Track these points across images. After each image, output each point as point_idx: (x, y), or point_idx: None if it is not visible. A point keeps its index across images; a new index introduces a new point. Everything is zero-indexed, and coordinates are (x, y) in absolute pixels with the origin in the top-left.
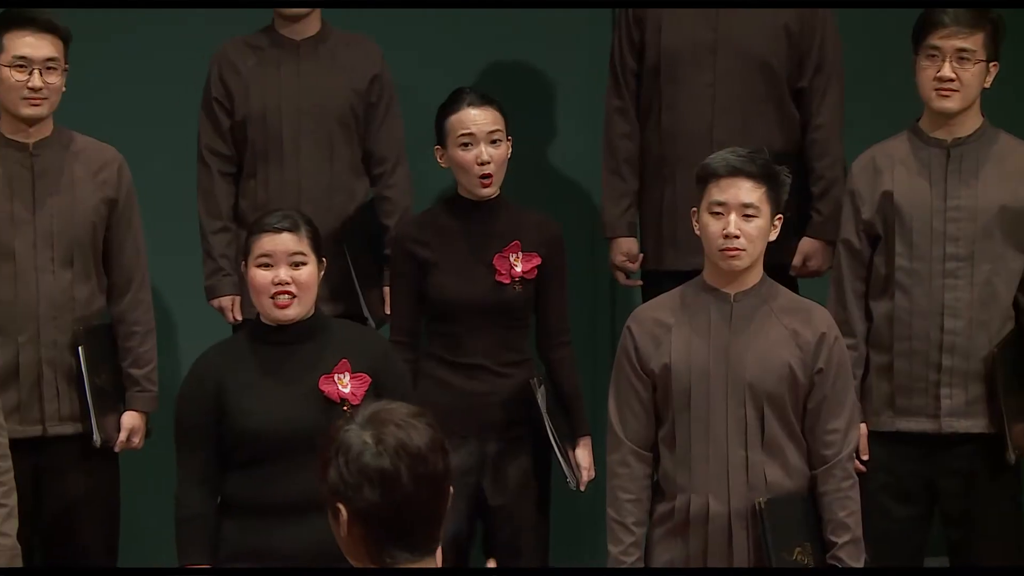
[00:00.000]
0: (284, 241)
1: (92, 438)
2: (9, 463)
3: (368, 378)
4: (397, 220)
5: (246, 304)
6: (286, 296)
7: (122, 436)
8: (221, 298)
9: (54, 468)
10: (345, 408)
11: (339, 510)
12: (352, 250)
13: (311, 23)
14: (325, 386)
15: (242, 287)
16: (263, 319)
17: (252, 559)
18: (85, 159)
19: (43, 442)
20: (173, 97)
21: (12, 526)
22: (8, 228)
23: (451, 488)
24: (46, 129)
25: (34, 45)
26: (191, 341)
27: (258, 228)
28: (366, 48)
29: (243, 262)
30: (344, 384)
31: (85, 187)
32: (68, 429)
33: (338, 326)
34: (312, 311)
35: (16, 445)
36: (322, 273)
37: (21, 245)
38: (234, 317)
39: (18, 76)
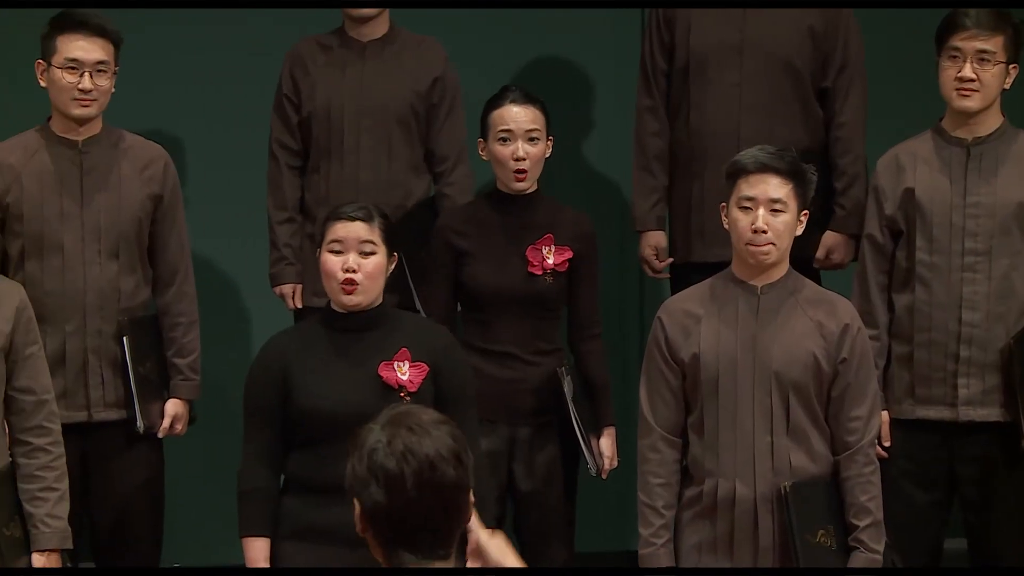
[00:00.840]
0: (356, 229)
1: (135, 424)
2: (62, 450)
3: (426, 367)
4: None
5: (307, 293)
6: (351, 283)
7: (165, 423)
8: (283, 285)
9: (99, 453)
10: (402, 394)
11: (354, 504)
12: (407, 246)
13: (379, 25)
14: (384, 372)
15: (304, 276)
16: (333, 305)
17: (309, 536)
18: (132, 156)
19: (89, 427)
20: (248, 94)
21: (64, 509)
22: (57, 222)
23: (468, 497)
24: (95, 127)
25: (85, 48)
26: (260, 327)
27: (333, 215)
28: (430, 51)
29: (318, 247)
30: (403, 371)
31: (132, 183)
32: (113, 415)
33: (404, 317)
34: (379, 300)
35: (63, 430)
36: (393, 266)
37: (69, 239)
38: (294, 304)
39: (69, 78)
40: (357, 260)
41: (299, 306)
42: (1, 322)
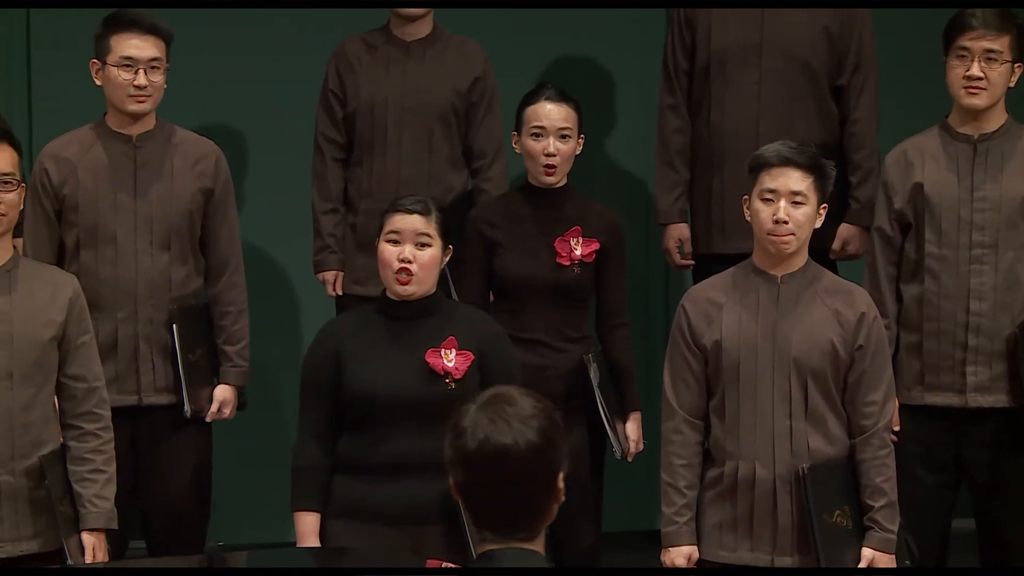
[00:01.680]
0: (413, 222)
1: (184, 409)
2: (111, 435)
3: (472, 356)
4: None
5: (348, 281)
6: (406, 273)
7: (213, 407)
8: (325, 272)
9: (149, 436)
10: (447, 381)
11: (450, 478)
12: (447, 240)
13: (423, 26)
14: (431, 359)
15: (345, 264)
16: (388, 294)
17: (357, 514)
18: (184, 151)
19: (138, 411)
20: (293, 90)
21: (111, 491)
22: (111, 214)
23: (551, 485)
24: (149, 123)
25: (139, 46)
26: (308, 317)
27: (393, 208)
28: (471, 51)
29: (376, 237)
30: (449, 359)
31: (183, 177)
32: (162, 400)
33: (455, 307)
34: (433, 290)
35: (114, 413)
36: (447, 258)
37: (122, 230)
38: (335, 291)
39: (124, 75)
40: (413, 251)
41: (339, 293)
42: (55, 312)
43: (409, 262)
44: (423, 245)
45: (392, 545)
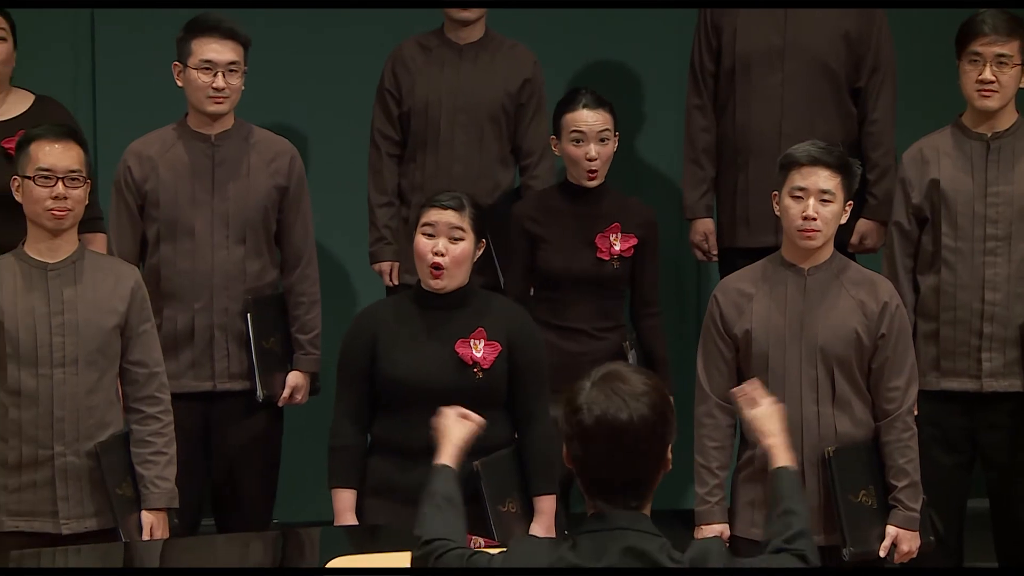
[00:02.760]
0: (447, 216)
1: (256, 394)
2: (171, 418)
3: (500, 346)
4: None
5: (403, 271)
6: (437, 268)
7: (285, 393)
8: (382, 263)
9: (221, 419)
10: (476, 371)
11: (563, 446)
12: (494, 231)
13: (476, 29)
14: (460, 348)
15: (400, 255)
16: (423, 284)
17: (391, 494)
18: (260, 150)
19: (213, 396)
20: (351, 90)
21: (171, 472)
22: (189, 209)
23: (661, 457)
24: (227, 123)
25: (218, 50)
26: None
27: (428, 202)
28: (521, 55)
29: (413, 229)
30: (478, 349)
31: (259, 175)
32: (236, 385)
33: (487, 298)
34: (465, 282)
35: (189, 398)
36: (480, 252)
37: (200, 224)
38: (391, 280)
39: (204, 78)
40: (446, 245)
41: (395, 282)
42: (118, 302)
43: (442, 255)
44: (456, 239)
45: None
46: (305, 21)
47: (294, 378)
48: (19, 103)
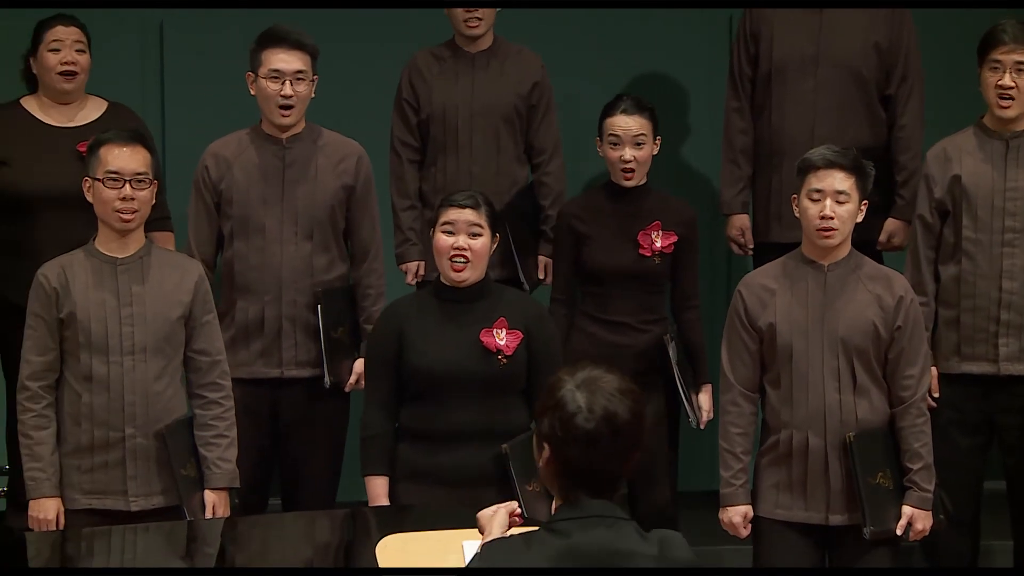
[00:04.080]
0: (466, 214)
1: (323, 380)
2: (232, 403)
3: (521, 334)
4: (552, 201)
5: (429, 269)
6: (461, 260)
7: (352, 379)
8: (408, 263)
9: (288, 404)
10: (500, 358)
11: (544, 447)
12: (512, 226)
13: (485, 39)
14: (484, 338)
15: (425, 254)
16: (443, 279)
17: (421, 477)
18: (329, 152)
19: (280, 382)
20: (369, 99)
21: (232, 454)
22: (260, 207)
23: (637, 452)
24: (298, 126)
25: (286, 60)
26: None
27: (446, 202)
28: (529, 60)
29: (432, 228)
30: (500, 338)
31: (327, 175)
32: (302, 372)
33: (503, 290)
34: (484, 275)
35: (259, 383)
36: (495, 246)
37: (270, 222)
38: (417, 278)
39: (273, 86)
40: (466, 240)
41: (420, 280)
42: (183, 294)
43: (464, 249)
44: (474, 235)
45: (450, 503)
46: (319, 35)
47: (360, 365)
48: (94, 110)
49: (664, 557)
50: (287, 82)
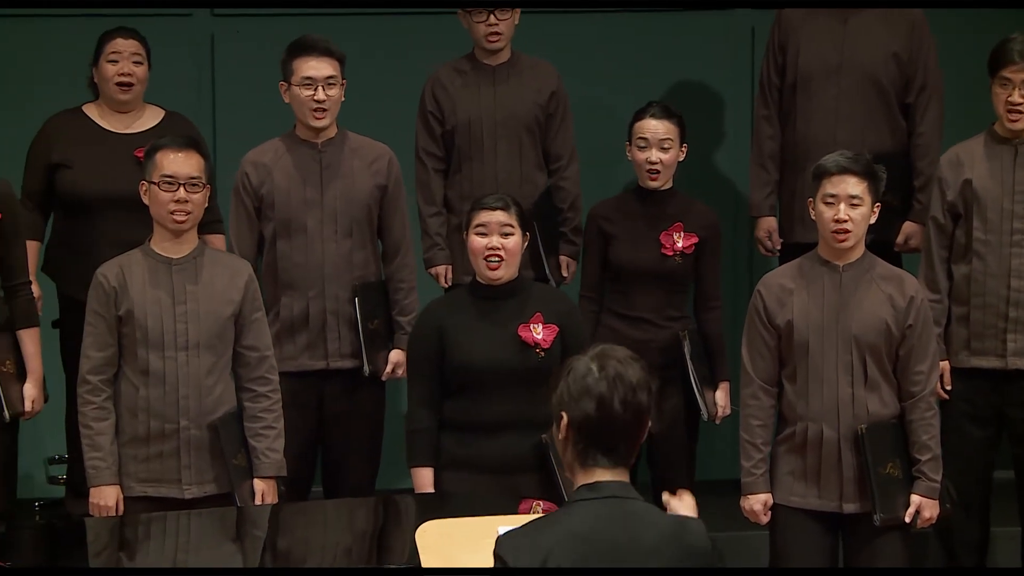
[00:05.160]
0: (497, 216)
1: (363, 369)
2: (279, 395)
3: (556, 328)
4: (570, 204)
5: (457, 272)
6: (496, 259)
7: (388, 368)
8: (437, 267)
9: (333, 394)
10: (537, 351)
11: (561, 417)
12: (537, 228)
13: (504, 53)
14: (522, 332)
15: (452, 258)
16: (478, 278)
17: (463, 466)
18: (362, 154)
19: (326, 373)
20: (393, 111)
21: (280, 444)
22: (302, 208)
23: (649, 421)
24: (331, 131)
25: (316, 67)
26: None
27: (478, 205)
28: (546, 71)
29: (465, 231)
30: (537, 332)
31: (361, 176)
32: (347, 363)
33: (535, 287)
34: (517, 273)
35: (305, 376)
36: (525, 244)
37: (311, 221)
38: (446, 282)
39: (306, 92)
40: (499, 240)
41: (450, 283)
42: (234, 292)
43: (497, 249)
44: (506, 234)
45: (492, 490)
46: (397, 47)
47: (396, 355)
48: (151, 118)
49: (680, 541)
50: (319, 87)
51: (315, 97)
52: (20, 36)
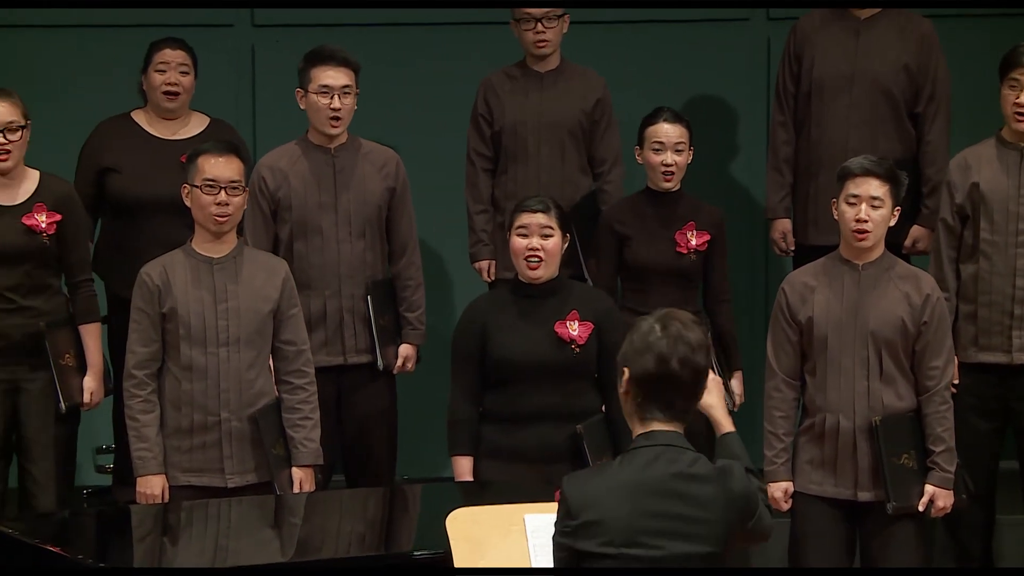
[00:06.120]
0: (538, 218)
1: (376, 364)
2: (315, 388)
3: (591, 326)
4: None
5: (499, 267)
6: (535, 259)
7: (399, 362)
8: (480, 262)
9: (350, 387)
10: (573, 347)
11: (623, 372)
12: (576, 229)
13: (553, 60)
14: (559, 329)
15: (496, 254)
16: (520, 277)
17: (502, 455)
18: (372, 159)
19: (343, 368)
20: (449, 114)
21: (317, 434)
22: (317, 211)
23: (707, 380)
24: (343, 137)
25: (333, 76)
26: (460, 292)
27: (520, 207)
28: (592, 79)
29: (508, 231)
30: (573, 329)
31: (372, 179)
32: (362, 358)
33: (575, 286)
34: (557, 273)
35: (323, 371)
36: (566, 246)
37: (326, 223)
38: (489, 276)
39: (323, 100)
40: (539, 241)
41: (493, 278)
42: (271, 290)
43: (537, 250)
44: (546, 236)
45: (529, 479)
46: (404, 58)
47: (405, 349)
48: (197, 124)
49: (723, 486)
50: (335, 96)
51: (331, 105)
52: (73, 43)
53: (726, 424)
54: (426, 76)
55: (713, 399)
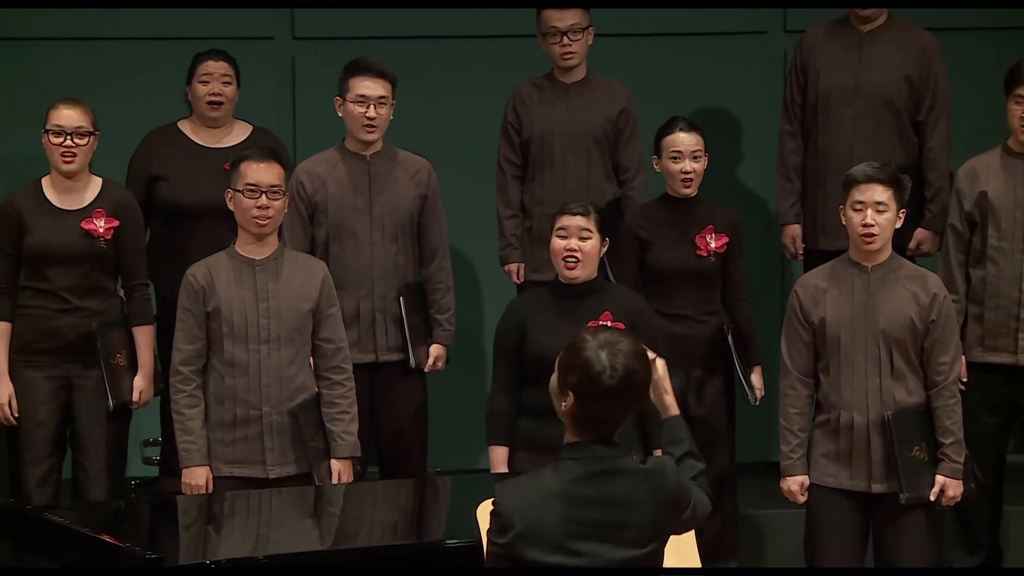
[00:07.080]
0: (577, 220)
1: (409, 362)
2: (353, 383)
3: (623, 326)
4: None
5: (528, 270)
6: (573, 260)
7: (429, 361)
8: (510, 264)
9: (383, 385)
10: None
11: (568, 395)
12: (603, 234)
13: (579, 71)
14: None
15: (525, 257)
16: (559, 278)
17: (536, 447)
18: (405, 166)
19: (376, 366)
20: (479, 123)
21: (354, 427)
22: (352, 215)
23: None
24: (379, 145)
25: (370, 87)
26: (488, 294)
27: (561, 210)
28: (617, 90)
29: (549, 233)
30: None
31: (405, 186)
32: (394, 357)
33: (613, 288)
34: (595, 274)
35: (357, 368)
36: (604, 248)
37: (361, 227)
38: (518, 278)
39: (359, 109)
40: (577, 243)
41: (522, 280)
42: (311, 290)
43: (575, 251)
44: (584, 238)
45: None
46: (437, 70)
47: (436, 349)
48: (240, 133)
49: (651, 485)
50: (371, 105)
51: (367, 114)
52: (123, 55)
53: (672, 407)
54: (457, 87)
55: (660, 383)
